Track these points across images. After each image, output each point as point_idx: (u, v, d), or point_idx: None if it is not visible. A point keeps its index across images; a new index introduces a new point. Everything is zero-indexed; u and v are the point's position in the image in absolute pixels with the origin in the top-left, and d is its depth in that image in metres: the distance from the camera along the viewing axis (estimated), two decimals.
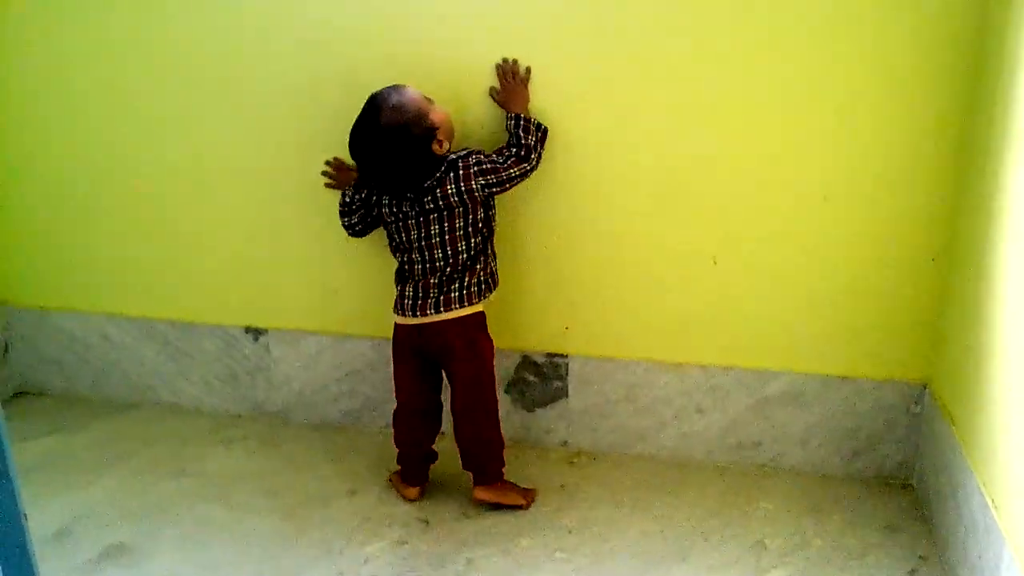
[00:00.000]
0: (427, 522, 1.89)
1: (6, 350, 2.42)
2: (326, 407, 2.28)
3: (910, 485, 1.99)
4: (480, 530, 1.86)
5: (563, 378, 2.12)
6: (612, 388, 2.10)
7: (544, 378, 2.13)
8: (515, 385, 2.15)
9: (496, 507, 1.91)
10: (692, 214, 1.95)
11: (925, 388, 1.95)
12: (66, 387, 2.44)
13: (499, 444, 1.92)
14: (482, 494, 1.91)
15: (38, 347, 2.42)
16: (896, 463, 2.01)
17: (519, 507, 1.92)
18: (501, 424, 1.92)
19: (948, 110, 1.75)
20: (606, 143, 1.92)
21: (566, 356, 2.10)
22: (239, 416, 2.33)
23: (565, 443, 2.16)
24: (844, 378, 1.98)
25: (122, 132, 2.18)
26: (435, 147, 1.78)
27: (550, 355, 2.11)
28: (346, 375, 2.24)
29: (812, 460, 2.04)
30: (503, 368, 2.13)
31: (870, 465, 2.02)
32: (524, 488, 1.97)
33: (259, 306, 2.25)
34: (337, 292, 2.19)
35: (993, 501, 1.50)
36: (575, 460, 2.12)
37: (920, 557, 1.76)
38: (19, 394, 2.43)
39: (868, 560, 1.75)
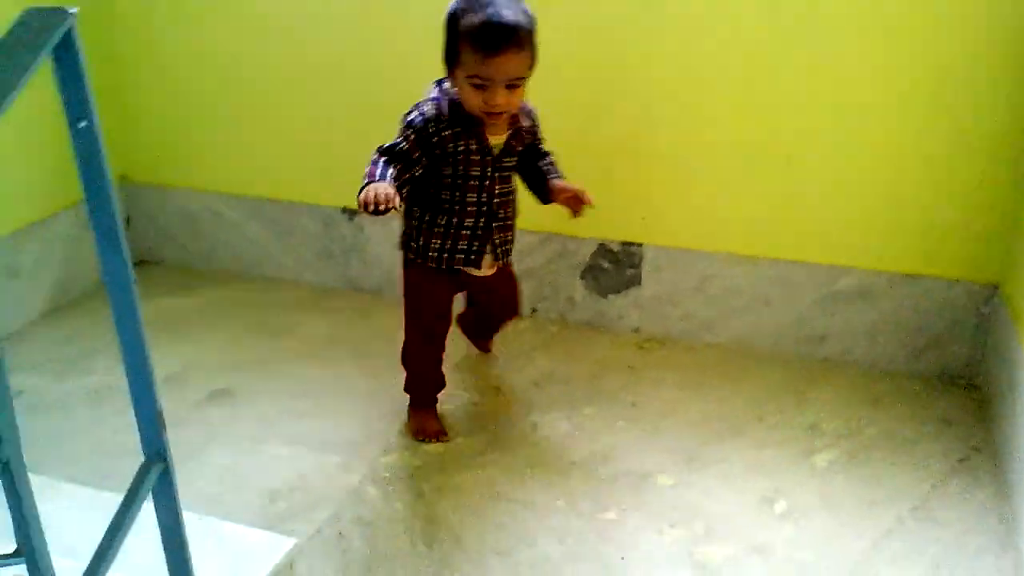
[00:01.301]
0: (499, 388, 2.03)
1: (128, 223, 2.65)
2: None
3: (973, 385, 2.03)
4: (548, 398, 1.99)
5: (637, 266, 2.20)
6: (684, 277, 2.18)
7: (619, 265, 2.22)
8: (590, 271, 2.25)
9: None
10: (768, 112, 1.99)
11: (996, 290, 1.96)
12: (180, 259, 2.66)
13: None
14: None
15: (156, 221, 2.64)
16: (961, 363, 2.04)
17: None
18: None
19: None
20: (685, 40, 1.97)
21: (641, 245, 2.18)
22: (335, 290, 2.50)
23: (637, 329, 2.26)
24: (913, 276, 2.01)
25: (236, 26, 2.33)
26: None
27: (625, 243, 2.20)
28: None
29: (876, 356, 2.09)
30: (580, 254, 2.23)
31: (934, 364, 2.06)
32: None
33: (355, 188, 2.39)
34: None
35: None
36: (645, 345, 2.22)
37: (973, 448, 1.81)
38: (139, 263, 2.66)
39: (919, 448, 1.81)
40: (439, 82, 1.68)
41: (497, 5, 1.52)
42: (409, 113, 1.64)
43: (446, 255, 1.73)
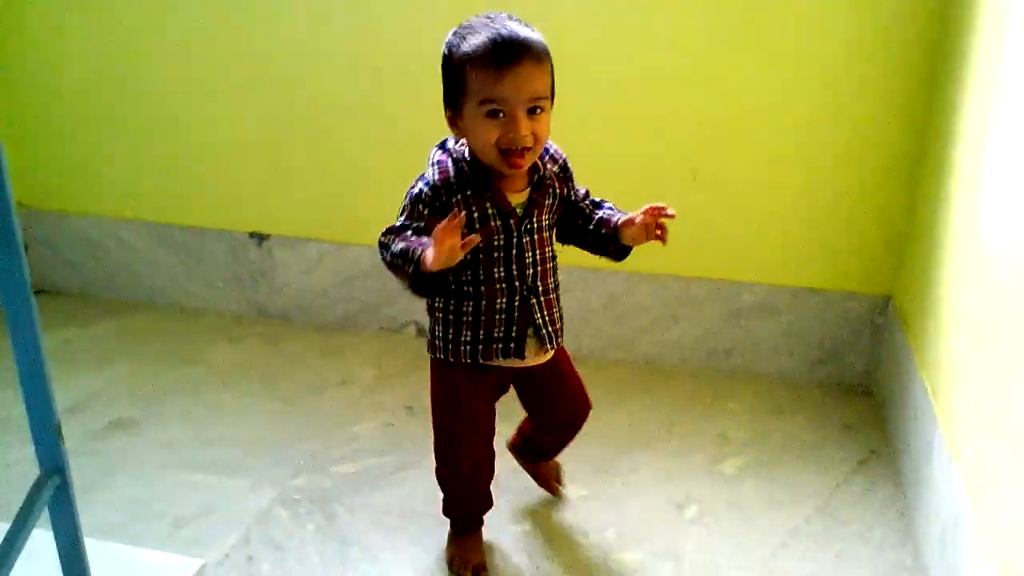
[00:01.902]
0: (412, 408, 2.02)
1: (25, 250, 2.56)
2: (325, 311, 2.41)
3: (869, 392, 2.11)
4: None
5: None
6: (592, 296, 2.21)
7: None
8: None
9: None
10: (673, 131, 2.05)
11: (889, 301, 2.05)
12: (82, 286, 2.58)
13: None
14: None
15: (56, 248, 2.56)
16: (858, 372, 2.12)
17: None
18: None
19: (922, 32, 1.84)
20: (589, 56, 2.03)
21: None
22: (243, 317, 2.46)
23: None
24: (813, 290, 2.09)
25: (139, 44, 2.30)
26: None
27: None
28: (344, 281, 2.37)
29: (780, 367, 2.15)
30: None
31: (834, 373, 2.13)
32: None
33: (264, 213, 2.38)
34: (338, 200, 2.31)
35: (931, 389, 1.61)
36: None
37: (871, 451, 1.88)
38: (37, 292, 2.57)
39: (823, 452, 1.87)
40: (442, 145, 1.39)
41: (501, 20, 1.29)
42: (413, 187, 1.36)
43: (480, 347, 1.39)
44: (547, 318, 1.42)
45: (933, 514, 1.51)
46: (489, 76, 1.24)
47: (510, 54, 1.24)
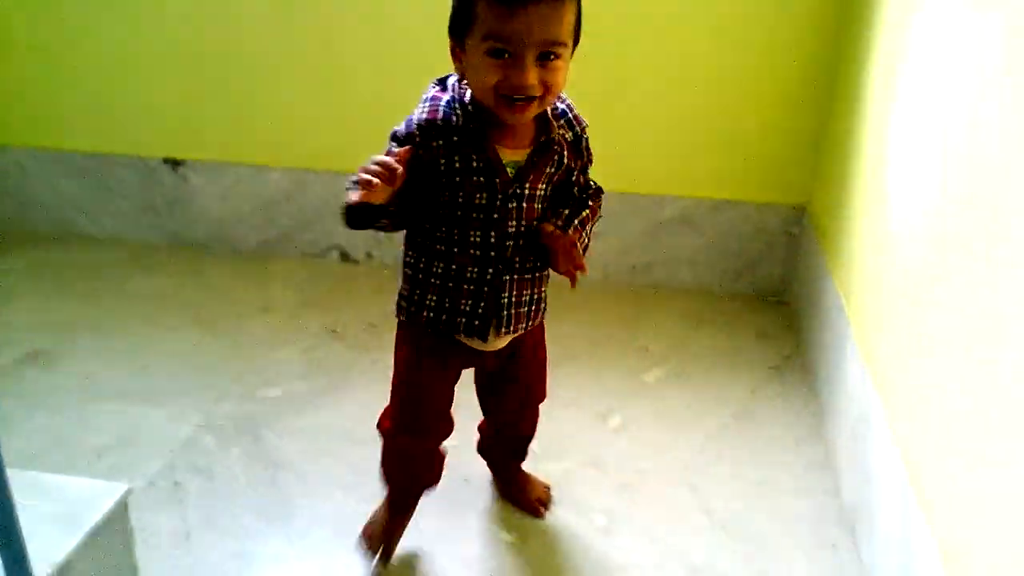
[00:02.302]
0: (335, 332, 2.01)
1: None
2: (243, 237, 2.36)
3: (783, 302, 2.17)
4: (387, 340, 1.97)
5: None
6: None
7: None
8: None
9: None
10: (596, 54, 2.03)
11: (804, 211, 2.10)
12: None
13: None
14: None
15: None
16: (774, 282, 2.18)
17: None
18: None
19: None
20: None
21: None
22: (158, 246, 2.40)
23: None
24: (731, 201, 2.12)
25: None
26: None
27: None
28: (263, 206, 2.32)
29: (699, 280, 2.20)
30: None
31: (750, 284, 2.19)
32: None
33: (178, 137, 2.30)
34: (255, 122, 2.25)
35: (844, 294, 1.67)
36: None
37: (785, 356, 1.94)
38: None
39: (739, 359, 1.93)
40: (441, 80, 1.19)
41: None
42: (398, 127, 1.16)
43: (444, 317, 1.22)
44: (514, 299, 1.22)
45: (844, 411, 1.57)
46: (497, 11, 1.04)
47: None
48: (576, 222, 1.21)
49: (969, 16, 1.17)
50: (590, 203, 1.25)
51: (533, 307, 1.25)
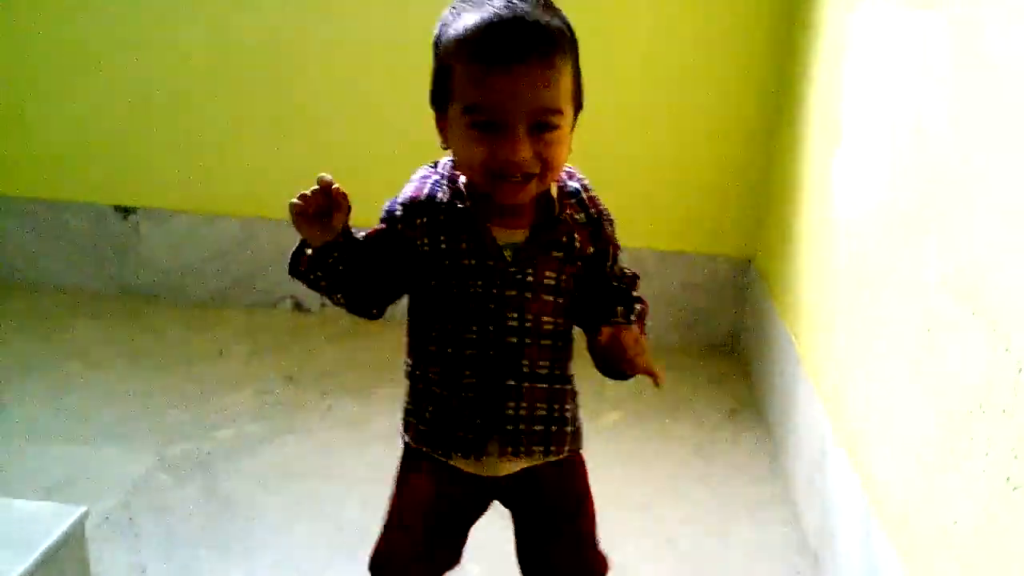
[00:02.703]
0: (291, 378, 1.99)
1: None
2: (194, 287, 2.33)
3: (735, 351, 2.22)
4: (341, 384, 1.98)
5: None
6: None
7: None
8: None
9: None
10: None
11: (750, 262, 2.17)
12: None
13: None
14: None
15: None
16: (724, 332, 2.23)
17: None
18: None
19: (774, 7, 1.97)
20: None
21: None
22: (105, 295, 2.35)
23: None
24: (679, 254, 2.18)
25: None
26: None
27: None
28: (215, 255, 2.31)
29: (652, 330, 2.23)
30: None
31: (702, 335, 2.24)
32: None
33: (129, 184, 2.29)
34: (207, 170, 2.25)
35: (794, 336, 1.72)
36: None
37: (738, 401, 1.99)
38: None
39: (694, 404, 1.96)
40: (435, 163, 1.04)
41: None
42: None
43: (438, 430, 1.02)
44: (523, 413, 1.01)
45: (800, 445, 1.61)
46: (477, 75, 0.89)
47: (508, 47, 0.88)
48: (633, 316, 1.04)
49: (901, 57, 1.25)
50: (637, 298, 1.08)
51: (554, 427, 1.03)
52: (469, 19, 0.90)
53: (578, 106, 0.97)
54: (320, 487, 1.60)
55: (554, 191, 1.00)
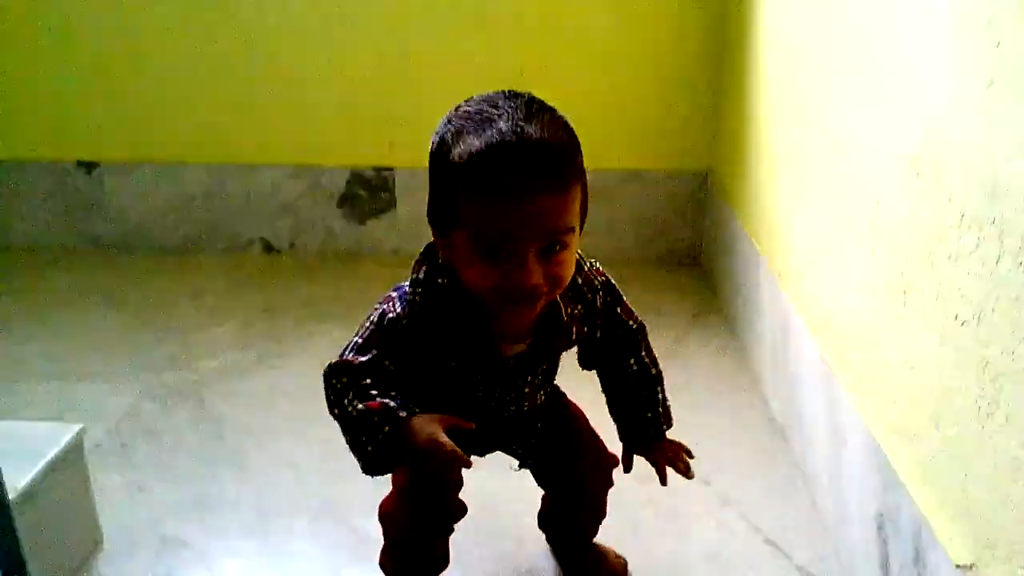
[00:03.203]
0: (270, 311, 2.04)
1: None
2: (164, 235, 2.36)
3: (697, 263, 2.30)
4: (320, 312, 2.02)
5: (390, 190, 2.29)
6: (419, 204, 2.28)
7: (373, 191, 2.29)
8: (346, 200, 2.30)
9: None
10: (499, 32, 2.15)
11: (707, 175, 2.24)
12: None
13: None
14: None
15: None
16: (686, 244, 2.30)
17: None
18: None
19: None
20: None
21: (392, 169, 2.27)
22: (77, 250, 2.37)
23: (396, 250, 2.34)
24: (639, 171, 2.25)
25: None
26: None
27: (377, 169, 2.28)
28: (182, 203, 2.33)
29: (616, 247, 2.30)
30: (335, 185, 2.28)
31: (663, 249, 2.31)
32: None
33: (90, 139, 2.30)
34: (169, 120, 2.26)
35: (755, 238, 1.80)
36: (406, 264, 2.28)
37: (703, 307, 2.06)
38: None
39: (661, 309, 2.03)
40: (425, 253, 1.00)
41: (510, 115, 0.87)
42: (383, 304, 0.99)
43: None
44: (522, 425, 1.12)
45: (764, 335, 1.69)
46: (484, 204, 0.86)
47: (516, 178, 0.84)
48: (661, 411, 1.12)
49: None
50: (658, 377, 1.12)
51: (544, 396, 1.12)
52: (472, 143, 0.86)
53: (584, 216, 0.95)
54: (309, 407, 1.63)
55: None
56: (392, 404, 0.91)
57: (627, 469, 1.13)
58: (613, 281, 1.09)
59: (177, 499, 1.39)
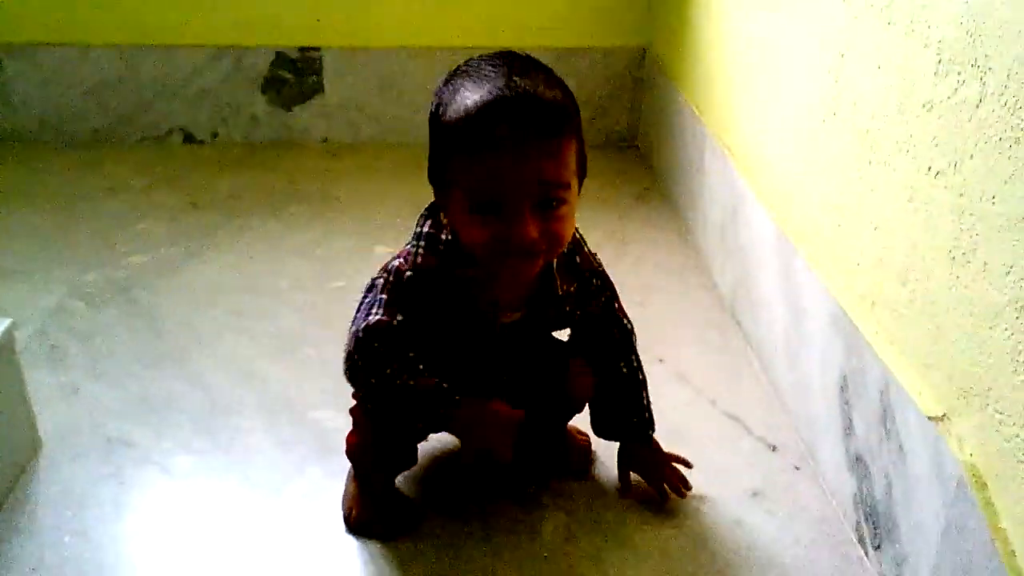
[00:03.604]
0: (196, 204, 1.94)
1: None
2: (76, 125, 2.20)
3: (635, 145, 2.27)
4: (249, 204, 1.94)
5: (318, 73, 2.17)
6: (367, 79, 2.18)
7: (300, 74, 2.17)
8: (271, 84, 2.18)
9: None
10: None
11: (644, 51, 2.18)
12: None
13: None
14: None
15: None
16: (624, 123, 2.26)
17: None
18: None
19: None
20: None
21: (320, 49, 2.15)
22: None
23: (325, 139, 2.24)
24: (574, 49, 2.17)
25: None
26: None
27: (304, 49, 2.15)
28: (92, 90, 2.17)
29: None
30: (258, 67, 2.15)
31: (602, 132, 2.26)
32: None
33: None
34: None
35: (705, 117, 1.76)
36: (337, 153, 2.21)
37: (645, 188, 2.04)
38: None
39: (602, 193, 2.00)
40: (430, 209, 1.02)
41: (504, 72, 0.89)
42: (394, 261, 1.02)
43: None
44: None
45: (710, 210, 1.68)
46: (478, 159, 0.88)
47: (510, 133, 0.86)
48: (647, 416, 1.14)
49: None
50: (643, 382, 1.13)
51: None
52: (468, 98, 0.88)
53: (582, 175, 0.95)
54: (248, 300, 1.59)
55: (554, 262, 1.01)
56: (444, 385, 0.97)
57: (624, 492, 1.16)
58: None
59: (118, 400, 1.32)
